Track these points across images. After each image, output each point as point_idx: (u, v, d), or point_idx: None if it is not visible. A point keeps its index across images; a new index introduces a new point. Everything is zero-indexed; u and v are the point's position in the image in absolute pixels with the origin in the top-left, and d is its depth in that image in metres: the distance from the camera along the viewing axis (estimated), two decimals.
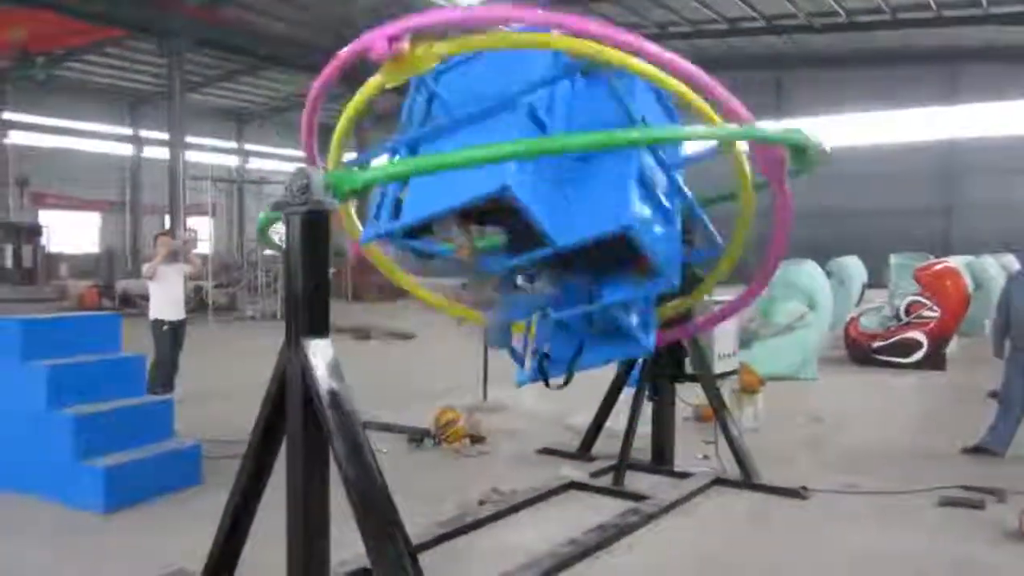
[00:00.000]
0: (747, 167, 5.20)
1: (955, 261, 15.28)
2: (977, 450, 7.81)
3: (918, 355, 13.15)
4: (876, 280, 18.50)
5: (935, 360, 13.06)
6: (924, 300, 13.45)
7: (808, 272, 12.89)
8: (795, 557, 5.42)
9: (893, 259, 19.82)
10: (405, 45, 3.91)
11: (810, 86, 37.36)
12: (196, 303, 21.88)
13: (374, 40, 3.91)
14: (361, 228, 5.48)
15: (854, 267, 16.80)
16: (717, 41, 32.75)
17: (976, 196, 35.39)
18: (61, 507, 6.11)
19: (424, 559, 4.72)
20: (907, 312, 13.53)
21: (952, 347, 13.76)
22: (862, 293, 16.91)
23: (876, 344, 13.51)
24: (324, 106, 4.88)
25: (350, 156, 7.37)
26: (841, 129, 37.67)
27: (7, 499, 6.34)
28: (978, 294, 15.26)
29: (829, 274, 14.22)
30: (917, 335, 13.23)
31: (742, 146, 5.14)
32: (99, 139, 38.75)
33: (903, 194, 35.98)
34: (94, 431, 6.34)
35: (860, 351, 13.69)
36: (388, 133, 6.26)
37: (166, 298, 9.60)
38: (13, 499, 6.32)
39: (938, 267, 14.29)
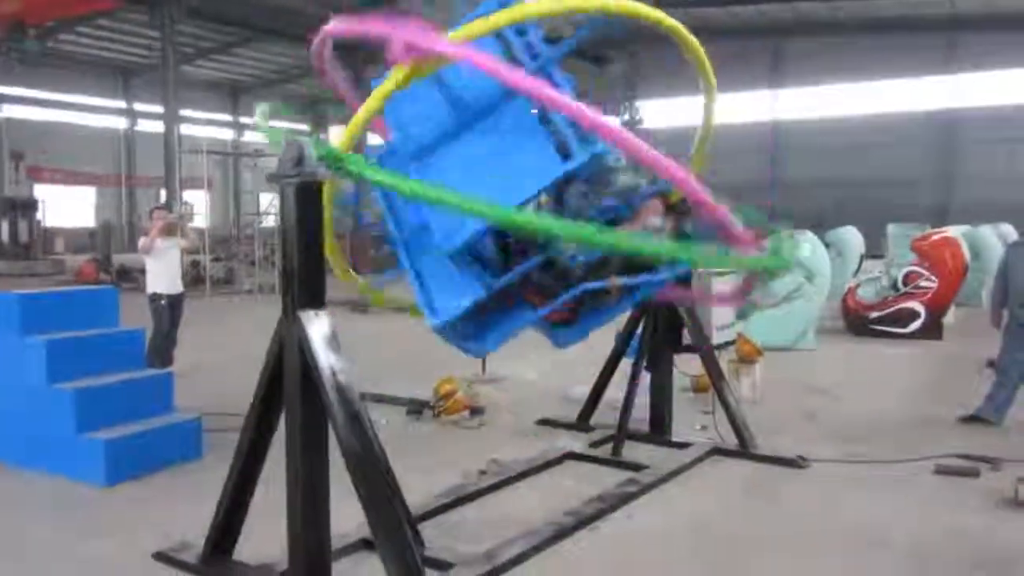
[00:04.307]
0: None
1: (953, 231, 15.25)
2: (973, 419, 7.85)
3: (915, 325, 13.17)
4: (874, 250, 18.47)
5: (932, 330, 13.09)
6: (922, 270, 13.46)
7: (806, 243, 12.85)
8: (792, 525, 5.46)
9: (891, 229, 19.85)
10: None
11: (808, 54, 37.00)
12: (193, 277, 21.85)
13: (393, 43, 3.92)
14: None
15: (852, 237, 16.77)
16: (717, 10, 32.46)
17: (974, 166, 35.23)
18: (62, 480, 6.13)
19: (424, 529, 4.77)
20: (905, 282, 13.54)
21: (949, 317, 13.79)
22: (860, 263, 16.89)
23: (874, 314, 13.53)
24: (313, 78, 4.89)
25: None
26: (839, 98, 37.55)
27: (8, 473, 6.37)
28: (976, 264, 15.27)
29: (827, 245, 14.20)
30: (914, 305, 13.25)
31: None
32: (93, 112, 38.48)
33: (901, 164, 35.79)
34: (94, 405, 6.36)
35: (858, 321, 13.71)
36: None
37: (163, 272, 9.58)
38: (14, 473, 6.36)
39: (936, 237, 14.28)
